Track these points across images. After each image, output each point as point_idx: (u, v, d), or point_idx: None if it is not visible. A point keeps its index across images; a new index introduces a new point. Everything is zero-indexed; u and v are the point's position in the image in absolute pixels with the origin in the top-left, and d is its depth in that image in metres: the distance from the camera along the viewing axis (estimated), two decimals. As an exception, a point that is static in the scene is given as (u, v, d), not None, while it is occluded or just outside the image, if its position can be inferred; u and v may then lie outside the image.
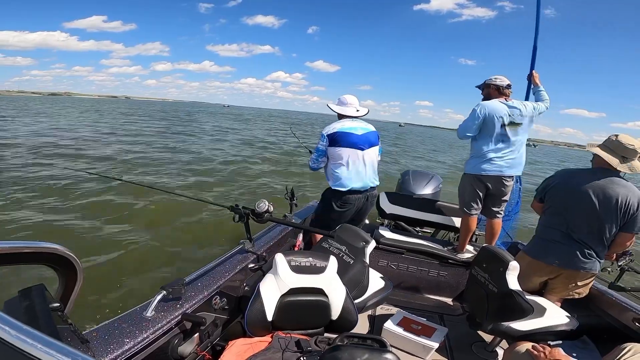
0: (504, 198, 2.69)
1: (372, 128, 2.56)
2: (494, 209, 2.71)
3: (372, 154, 2.53)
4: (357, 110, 2.58)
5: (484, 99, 2.65)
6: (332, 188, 2.51)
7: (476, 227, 2.94)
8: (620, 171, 1.92)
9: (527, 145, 2.70)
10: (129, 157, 10.71)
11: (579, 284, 2.07)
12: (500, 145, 2.52)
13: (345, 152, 2.44)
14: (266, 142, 18.77)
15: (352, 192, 2.48)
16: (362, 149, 2.47)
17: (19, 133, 14.39)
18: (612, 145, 1.96)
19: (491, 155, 2.53)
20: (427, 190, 3.66)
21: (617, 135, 1.95)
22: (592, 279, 2.09)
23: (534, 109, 2.60)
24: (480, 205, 2.71)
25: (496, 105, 2.51)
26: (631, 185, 1.90)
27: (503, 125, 2.49)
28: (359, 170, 2.48)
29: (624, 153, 1.92)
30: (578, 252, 2.00)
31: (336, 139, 2.45)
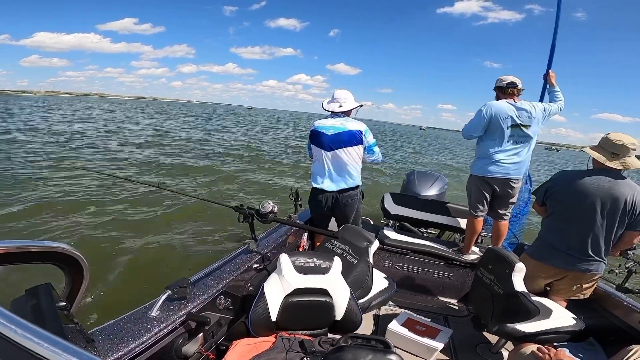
0: (511, 200, 2.65)
1: (350, 127, 2.42)
2: (500, 211, 2.69)
3: (344, 155, 2.43)
4: (340, 106, 2.48)
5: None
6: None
7: (482, 229, 2.92)
8: (618, 169, 1.90)
9: (549, 149, 2.63)
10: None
11: (584, 285, 2.06)
12: (507, 146, 2.48)
13: (316, 151, 2.50)
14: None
15: (319, 190, 2.50)
16: (329, 150, 2.44)
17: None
18: (602, 142, 1.96)
19: (498, 156, 2.49)
20: (432, 191, 3.64)
21: (608, 133, 1.95)
22: (597, 279, 2.08)
23: (544, 110, 2.53)
24: (486, 207, 2.68)
25: (502, 105, 2.46)
26: (634, 184, 1.88)
27: (510, 127, 2.44)
28: (326, 170, 2.48)
29: (613, 149, 1.91)
30: (583, 255, 1.98)
31: (312, 136, 2.52)
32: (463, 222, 2.98)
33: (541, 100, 2.93)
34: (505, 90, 2.54)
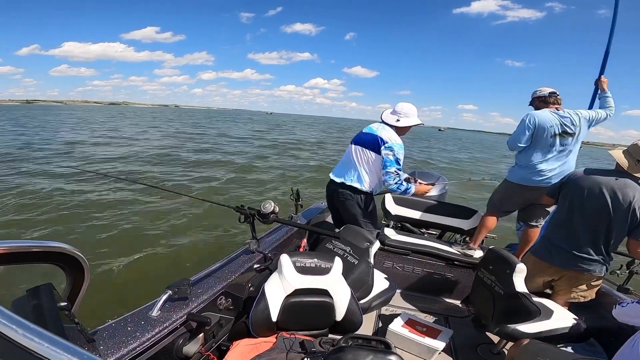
0: (549, 208, 2.58)
1: (379, 133, 2.37)
2: (535, 218, 2.65)
3: (358, 153, 2.42)
4: (398, 120, 2.40)
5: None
6: None
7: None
8: (637, 176, 1.88)
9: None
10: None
11: (583, 286, 2.05)
12: (551, 155, 2.44)
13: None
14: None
15: (330, 180, 2.54)
16: (351, 143, 2.49)
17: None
18: (631, 148, 1.93)
19: (541, 166, 2.46)
20: (433, 191, 3.63)
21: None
22: (598, 282, 2.06)
23: (589, 117, 2.48)
24: (509, 210, 2.69)
25: (546, 115, 2.43)
26: None
27: (554, 135, 2.40)
28: (343, 162, 2.53)
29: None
30: (582, 254, 1.97)
31: None
32: (464, 223, 2.98)
33: (591, 105, 2.86)
34: (546, 100, 2.51)
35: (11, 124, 23.70)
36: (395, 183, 2.33)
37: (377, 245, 2.04)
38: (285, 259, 1.49)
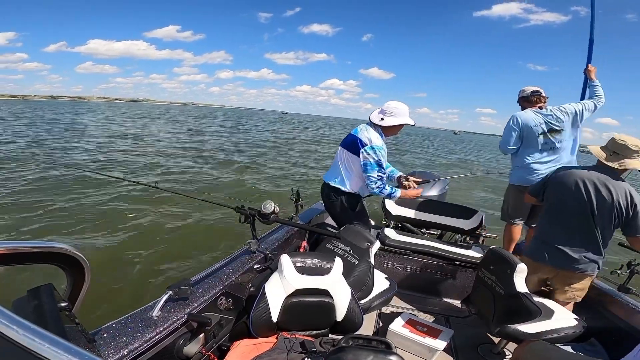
0: None
1: (360, 134, 2.34)
2: (536, 218, 2.66)
3: (343, 155, 2.43)
4: (382, 119, 2.34)
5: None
6: None
7: (484, 234, 2.95)
8: (616, 170, 1.89)
9: (579, 150, 2.60)
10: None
11: (577, 285, 2.05)
12: (543, 154, 2.48)
13: None
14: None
15: (323, 182, 2.56)
16: (340, 145, 2.49)
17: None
18: (608, 142, 1.97)
19: (534, 165, 2.49)
20: (433, 191, 3.64)
21: (617, 134, 1.96)
22: (589, 280, 2.06)
23: (575, 112, 2.49)
24: (523, 214, 2.71)
25: (529, 115, 2.46)
26: (625, 186, 1.87)
27: (541, 134, 2.43)
28: (333, 164, 2.54)
29: (615, 148, 1.92)
30: (571, 253, 1.98)
31: None
32: (464, 223, 2.98)
33: (582, 96, 2.84)
34: (529, 99, 2.55)
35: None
36: (378, 187, 2.29)
37: (377, 245, 2.04)
38: (285, 259, 1.49)
